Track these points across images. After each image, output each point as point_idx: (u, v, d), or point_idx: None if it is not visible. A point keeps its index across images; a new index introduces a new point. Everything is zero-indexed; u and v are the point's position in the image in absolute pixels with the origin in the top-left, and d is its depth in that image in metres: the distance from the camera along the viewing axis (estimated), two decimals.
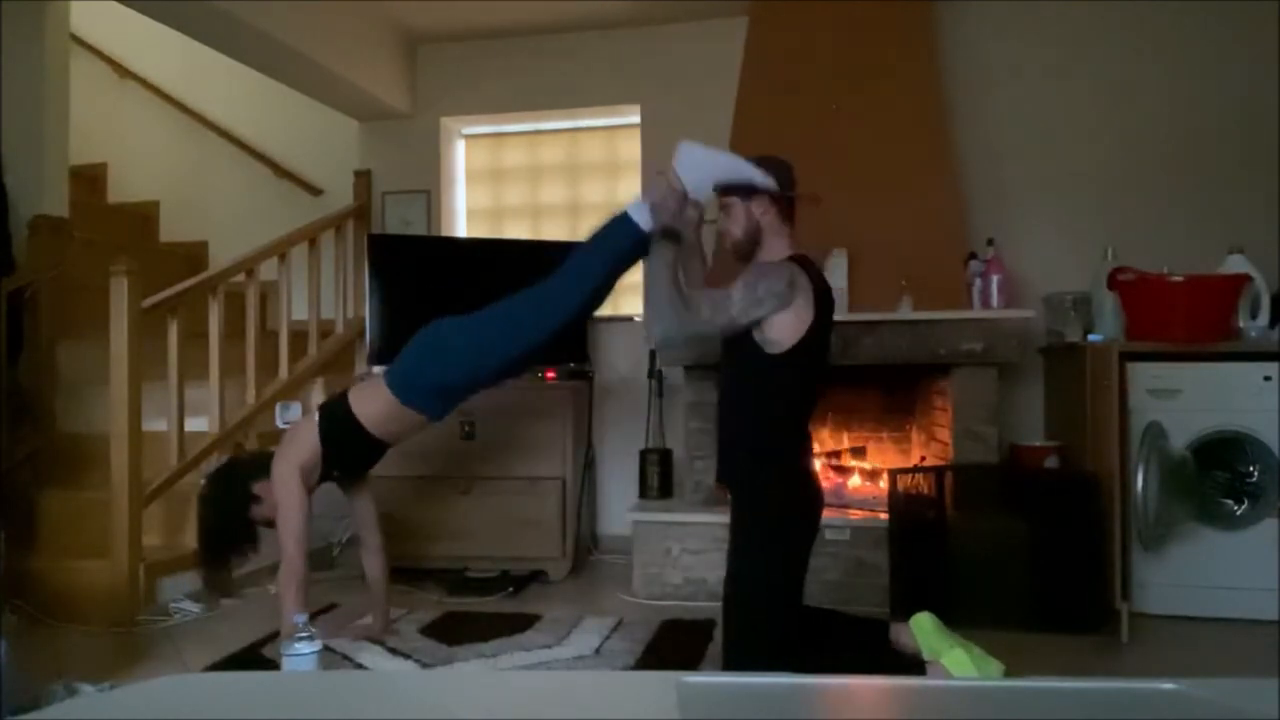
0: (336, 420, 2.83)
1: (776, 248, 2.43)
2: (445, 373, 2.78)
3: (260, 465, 2.88)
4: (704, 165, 2.41)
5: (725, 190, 2.45)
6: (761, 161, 2.48)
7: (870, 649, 2.47)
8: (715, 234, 2.83)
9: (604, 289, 2.64)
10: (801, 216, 2.54)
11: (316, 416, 2.87)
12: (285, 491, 2.76)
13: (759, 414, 2.39)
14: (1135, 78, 4.14)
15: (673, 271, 2.31)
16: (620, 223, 2.52)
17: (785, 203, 2.45)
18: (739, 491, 2.44)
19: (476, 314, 2.77)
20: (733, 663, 2.36)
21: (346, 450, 2.88)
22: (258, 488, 2.84)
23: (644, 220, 2.46)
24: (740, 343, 2.36)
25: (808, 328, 2.32)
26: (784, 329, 2.30)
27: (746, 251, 2.46)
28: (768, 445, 2.39)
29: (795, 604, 2.41)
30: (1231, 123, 4.06)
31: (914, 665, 2.34)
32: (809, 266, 2.40)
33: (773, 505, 2.36)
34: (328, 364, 4.45)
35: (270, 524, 2.86)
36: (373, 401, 2.81)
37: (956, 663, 2.29)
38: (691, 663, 2.84)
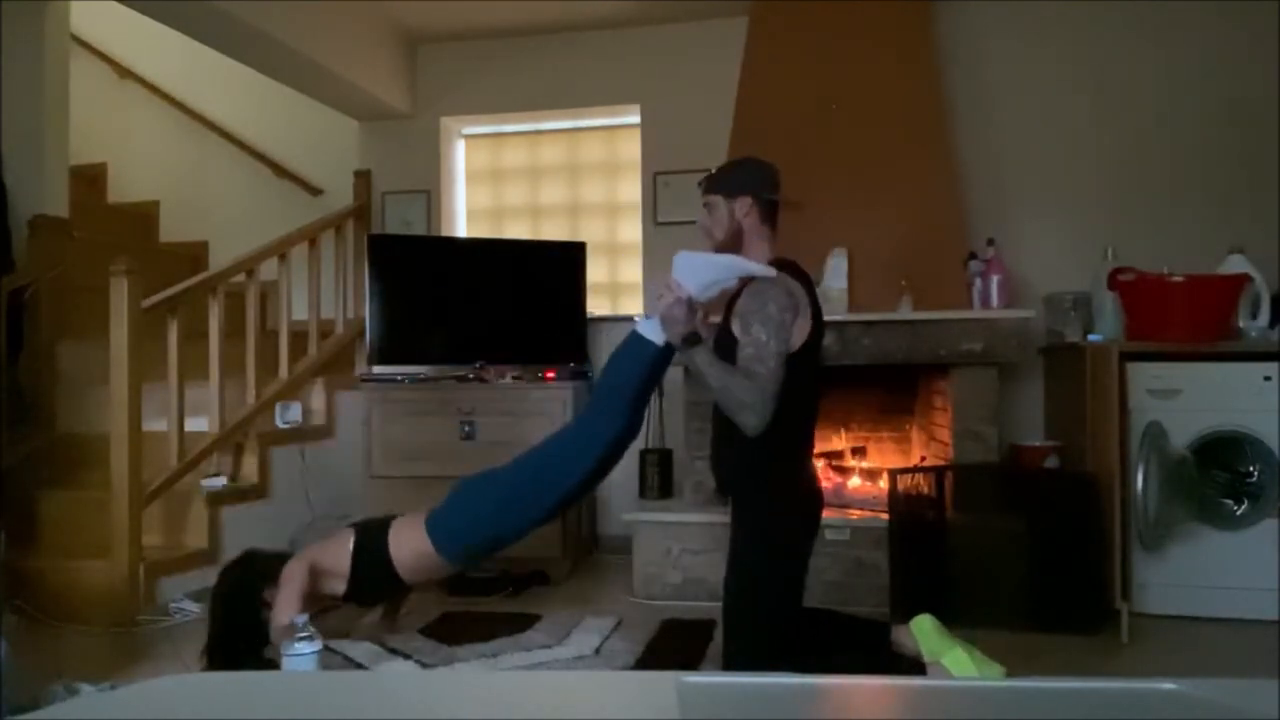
0: (369, 554, 2.68)
1: (757, 250, 2.41)
2: (499, 528, 2.67)
3: (275, 568, 2.70)
4: (702, 270, 2.35)
5: (709, 189, 2.44)
6: (746, 162, 2.47)
7: (871, 651, 2.47)
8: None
9: (638, 407, 2.57)
10: (801, 217, 2.54)
11: (351, 540, 2.71)
12: (290, 578, 2.60)
13: None
14: (1135, 78, 4.14)
15: (721, 366, 2.25)
16: (635, 342, 2.48)
17: (768, 205, 2.43)
18: (740, 492, 2.44)
19: (518, 462, 2.68)
20: (733, 664, 2.36)
21: (369, 587, 2.75)
22: (269, 593, 2.66)
23: (655, 335, 2.41)
24: (735, 348, 2.35)
25: (808, 332, 2.32)
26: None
27: (728, 251, 2.45)
28: (769, 448, 2.38)
29: (796, 605, 2.40)
30: (1232, 123, 4.05)
31: (914, 667, 2.34)
32: (795, 271, 2.39)
33: (774, 506, 2.36)
34: (328, 364, 4.45)
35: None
36: (412, 547, 2.66)
37: (957, 662, 2.29)
38: (691, 663, 2.84)
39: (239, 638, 2.69)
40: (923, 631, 2.37)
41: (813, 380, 2.42)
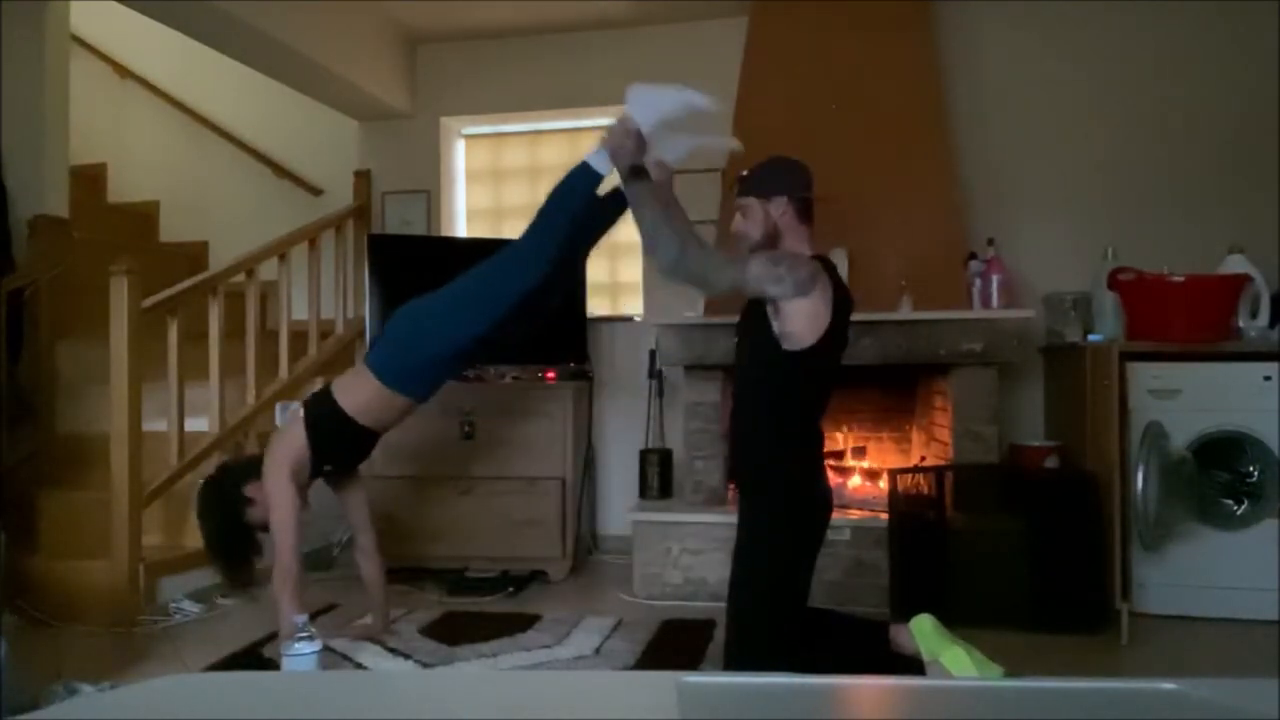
0: (323, 414, 2.81)
1: (796, 248, 2.42)
2: (428, 347, 2.77)
3: (250, 468, 2.85)
4: (654, 102, 2.49)
5: (743, 191, 2.45)
6: (778, 163, 2.47)
7: (870, 649, 2.47)
8: (718, 232, 2.80)
9: (576, 234, 2.66)
10: None
11: (302, 413, 2.84)
12: (277, 491, 2.74)
13: (772, 412, 2.38)
14: (1135, 78, 4.14)
15: (656, 200, 2.34)
16: (579, 171, 2.58)
17: (802, 203, 2.44)
18: (749, 490, 2.44)
19: (450, 285, 2.78)
20: (734, 663, 2.36)
21: (335, 443, 2.85)
22: (249, 489, 2.82)
23: (602, 165, 2.52)
24: (757, 339, 2.35)
25: (826, 328, 2.31)
26: (802, 324, 2.28)
27: (765, 250, 2.45)
28: (780, 444, 2.38)
29: (800, 606, 2.40)
30: (1231, 123, 4.05)
31: (914, 666, 2.34)
32: (830, 269, 2.40)
33: (782, 505, 2.36)
34: (328, 364, 4.44)
35: (267, 527, 2.84)
36: (358, 390, 2.79)
37: (956, 662, 2.28)
38: (691, 663, 2.84)
39: (231, 542, 2.83)
40: (922, 631, 2.37)
41: (826, 379, 2.42)
